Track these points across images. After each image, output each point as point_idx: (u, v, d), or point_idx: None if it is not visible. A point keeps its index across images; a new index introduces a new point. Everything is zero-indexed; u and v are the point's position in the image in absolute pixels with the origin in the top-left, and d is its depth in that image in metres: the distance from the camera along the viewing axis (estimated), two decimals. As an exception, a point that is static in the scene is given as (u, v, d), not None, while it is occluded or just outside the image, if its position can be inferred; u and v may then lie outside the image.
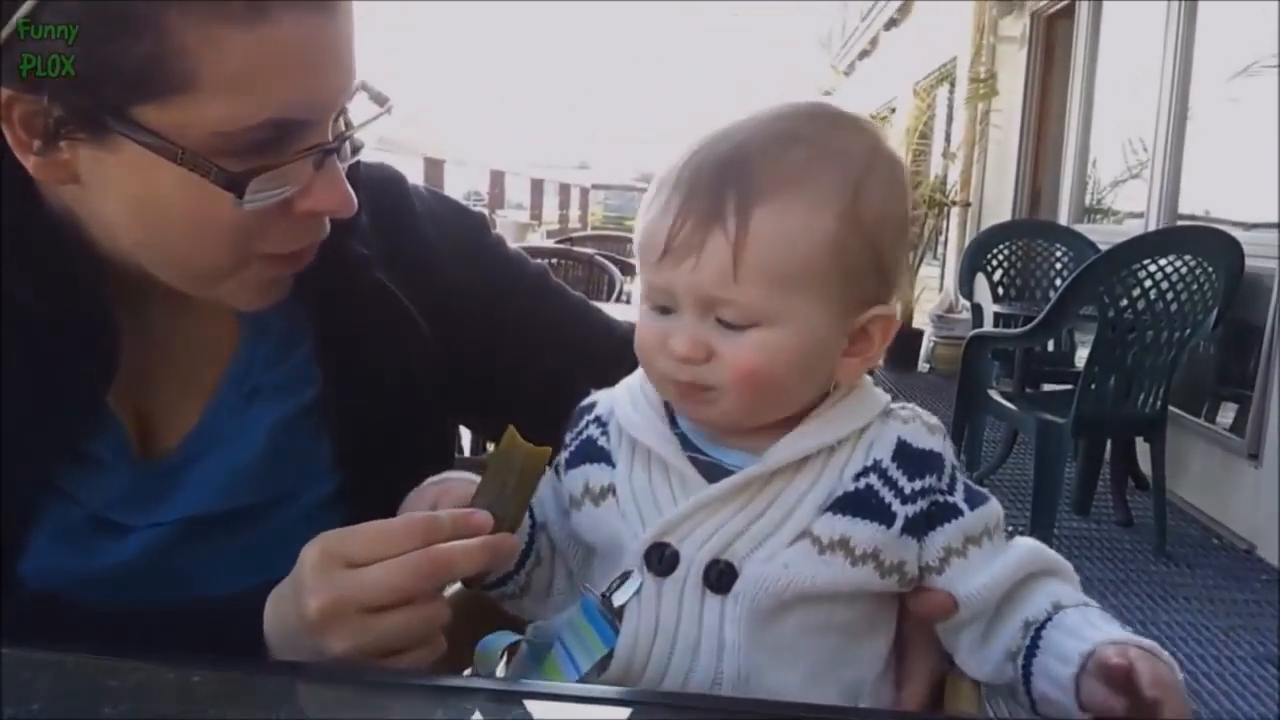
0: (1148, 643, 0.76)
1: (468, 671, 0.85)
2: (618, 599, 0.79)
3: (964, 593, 0.81)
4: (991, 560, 0.82)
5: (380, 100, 0.89)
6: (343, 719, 0.73)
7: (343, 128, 0.86)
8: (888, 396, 0.87)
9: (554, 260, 4.33)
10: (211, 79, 0.74)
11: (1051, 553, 0.84)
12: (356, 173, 0.91)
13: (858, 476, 0.81)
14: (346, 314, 0.97)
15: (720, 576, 0.79)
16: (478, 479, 0.83)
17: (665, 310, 0.81)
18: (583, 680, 0.78)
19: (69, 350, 0.87)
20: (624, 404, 0.88)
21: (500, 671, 0.85)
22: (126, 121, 0.76)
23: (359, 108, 0.88)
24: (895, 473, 0.81)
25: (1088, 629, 0.77)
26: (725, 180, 0.77)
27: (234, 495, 0.93)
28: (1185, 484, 4.54)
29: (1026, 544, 0.84)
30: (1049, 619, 0.80)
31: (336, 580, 0.74)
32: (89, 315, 0.87)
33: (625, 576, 0.80)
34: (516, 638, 0.85)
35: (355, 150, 0.90)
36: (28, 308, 0.85)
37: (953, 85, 9.80)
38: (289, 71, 0.77)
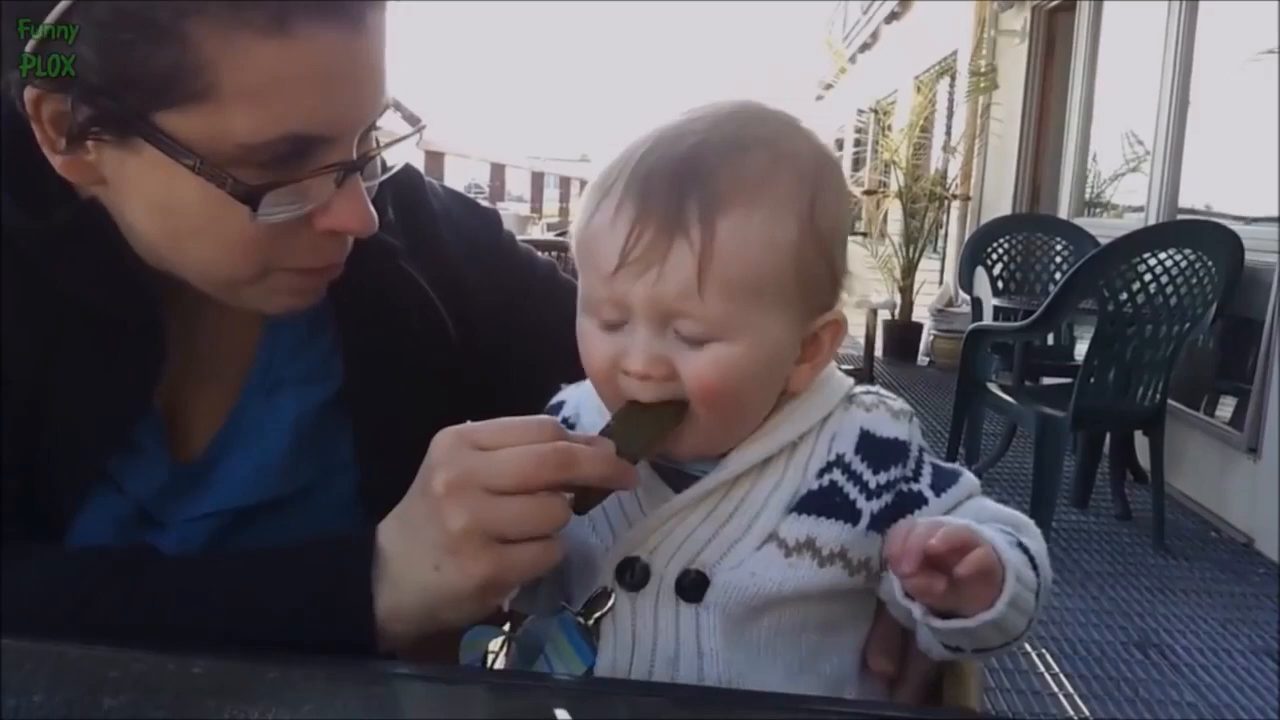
0: (943, 519, 0.74)
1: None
2: (592, 618, 0.78)
3: None
4: None
5: (413, 120, 0.88)
6: (344, 710, 0.73)
7: (372, 145, 0.86)
8: (850, 381, 0.85)
9: (554, 253, 4.32)
10: (233, 90, 0.74)
11: (1001, 509, 0.81)
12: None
13: (821, 473, 0.80)
14: (371, 303, 0.97)
15: (693, 585, 0.78)
16: None
17: (612, 326, 0.78)
18: None
19: (124, 339, 0.87)
20: (590, 412, 0.87)
21: (499, 665, 0.85)
22: (148, 127, 0.76)
23: (390, 125, 0.87)
24: (859, 466, 0.80)
25: None
26: (684, 186, 0.74)
27: (262, 489, 0.93)
28: (1184, 478, 4.54)
29: (970, 506, 0.81)
30: None
31: (465, 457, 0.75)
32: (141, 307, 0.87)
33: (598, 593, 0.79)
34: (502, 633, 0.85)
35: (384, 169, 0.89)
36: (83, 299, 0.86)
37: (953, 79, 9.79)
38: (311, 87, 0.77)
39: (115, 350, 0.87)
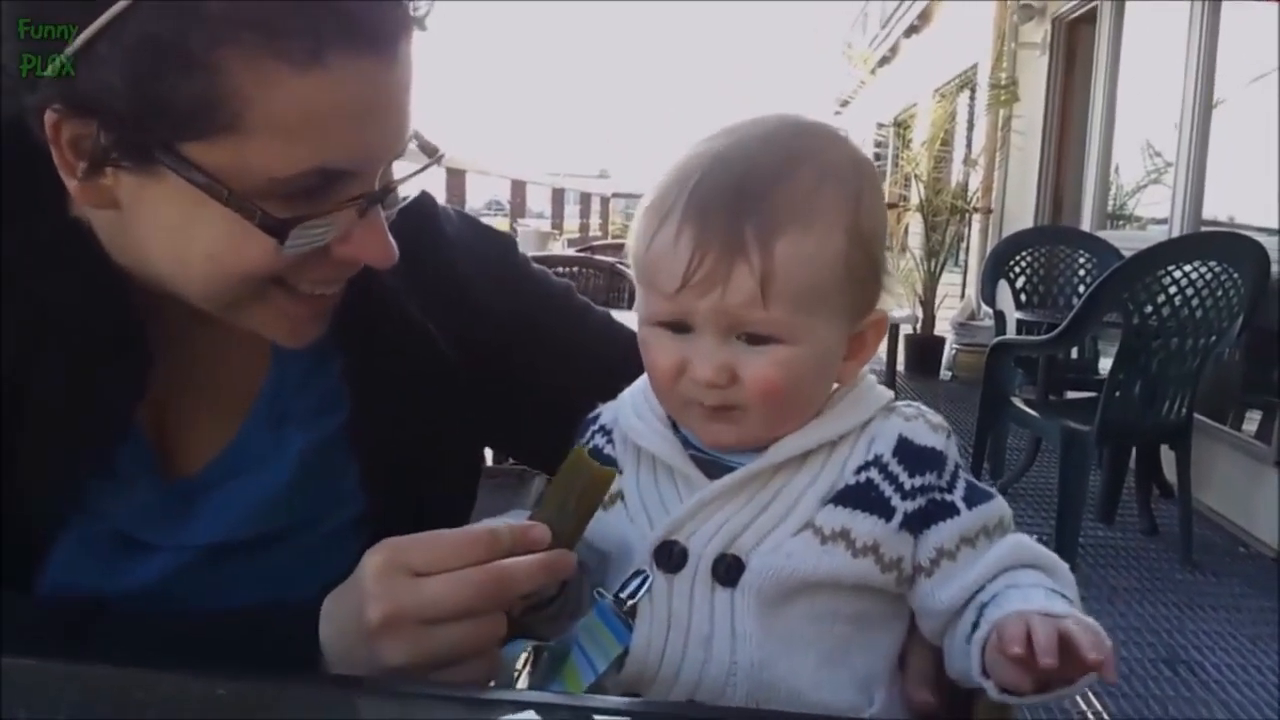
0: (1058, 609, 0.74)
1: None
2: (629, 598, 0.80)
3: (943, 597, 0.81)
4: (977, 561, 0.81)
5: (430, 151, 0.88)
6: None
7: (393, 175, 0.85)
8: (890, 393, 0.88)
9: (575, 269, 4.33)
10: (263, 122, 0.73)
11: (1039, 549, 0.83)
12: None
13: (859, 471, 0.83)
14: (375, 345, 0.96)
15: (729, 570, 0.80)
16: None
17: (677, 328, 0.82)
18: (600, 679, 0.78)
19: (100, 364, 0.87)
20: (627, 412, 0.90)
21: (522, 679, 0.85)
22: (175, 157, 0.75)
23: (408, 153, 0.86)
24: (896, 468, 0.82)
25: (1014, 602, 0.76)
26: (740, 210, 0.79)
27: (263, 521, 0.92)
28: (1211, 491, 4.50)
29: (1010, 540, 0.83)
30: (993, 597, 0.78)
31: (399, 589, 0.75)
32: (119, 330, 0.87)
33: (636, 576, 0.81)
34: (533, 644, 0.85)
35: (400, 199, 0.89)
36: (60, 320, 0.85)
37: (973, 91, 9.78)
38: (342, 120, 0.76)
39: (92, 372, 0.86)
